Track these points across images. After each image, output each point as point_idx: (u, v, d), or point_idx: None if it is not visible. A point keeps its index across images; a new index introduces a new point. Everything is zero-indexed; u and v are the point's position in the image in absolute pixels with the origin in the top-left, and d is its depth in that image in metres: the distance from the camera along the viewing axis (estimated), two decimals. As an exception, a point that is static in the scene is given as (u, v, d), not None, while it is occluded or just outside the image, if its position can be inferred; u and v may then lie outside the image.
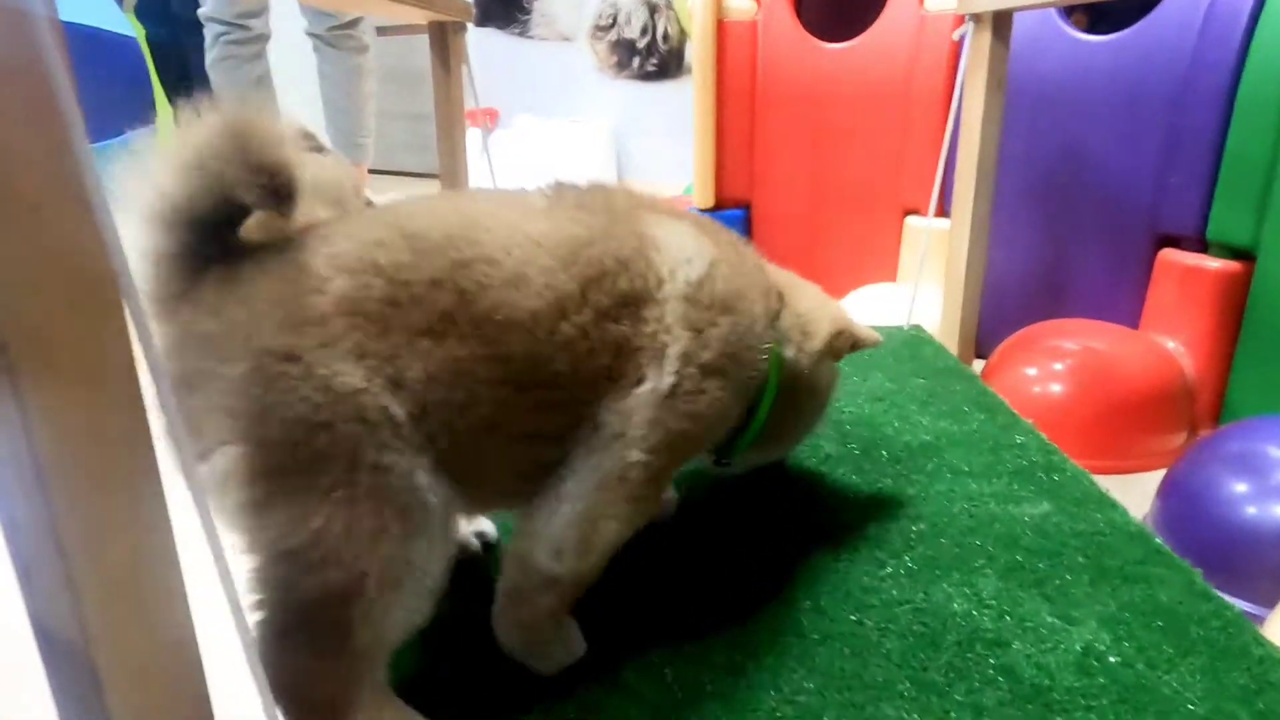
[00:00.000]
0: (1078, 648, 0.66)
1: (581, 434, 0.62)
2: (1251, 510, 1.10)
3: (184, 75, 3.28)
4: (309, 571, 0.51)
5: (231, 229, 0.53)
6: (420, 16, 1.35)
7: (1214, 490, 1.14)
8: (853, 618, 0.70)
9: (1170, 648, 0.66)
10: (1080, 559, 0.79)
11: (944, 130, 1.53)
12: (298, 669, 0.53)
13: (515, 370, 0.58)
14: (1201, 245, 1.58)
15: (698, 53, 2.06)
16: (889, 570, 0.77)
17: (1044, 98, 1.76)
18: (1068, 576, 0.76)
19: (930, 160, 1.72)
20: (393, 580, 0.53)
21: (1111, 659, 0.65)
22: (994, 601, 0.72)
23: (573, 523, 0.61)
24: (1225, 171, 1.50)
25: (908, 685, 0.63)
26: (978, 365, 1.72)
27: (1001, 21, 1.38)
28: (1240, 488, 1.12)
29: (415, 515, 0.54)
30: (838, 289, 2.02)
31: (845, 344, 0.81)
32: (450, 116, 1.52)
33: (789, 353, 0.76)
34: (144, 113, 2.28)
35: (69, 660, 0.47)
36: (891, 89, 1.95)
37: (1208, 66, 1.50)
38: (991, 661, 0.65)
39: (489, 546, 0.82)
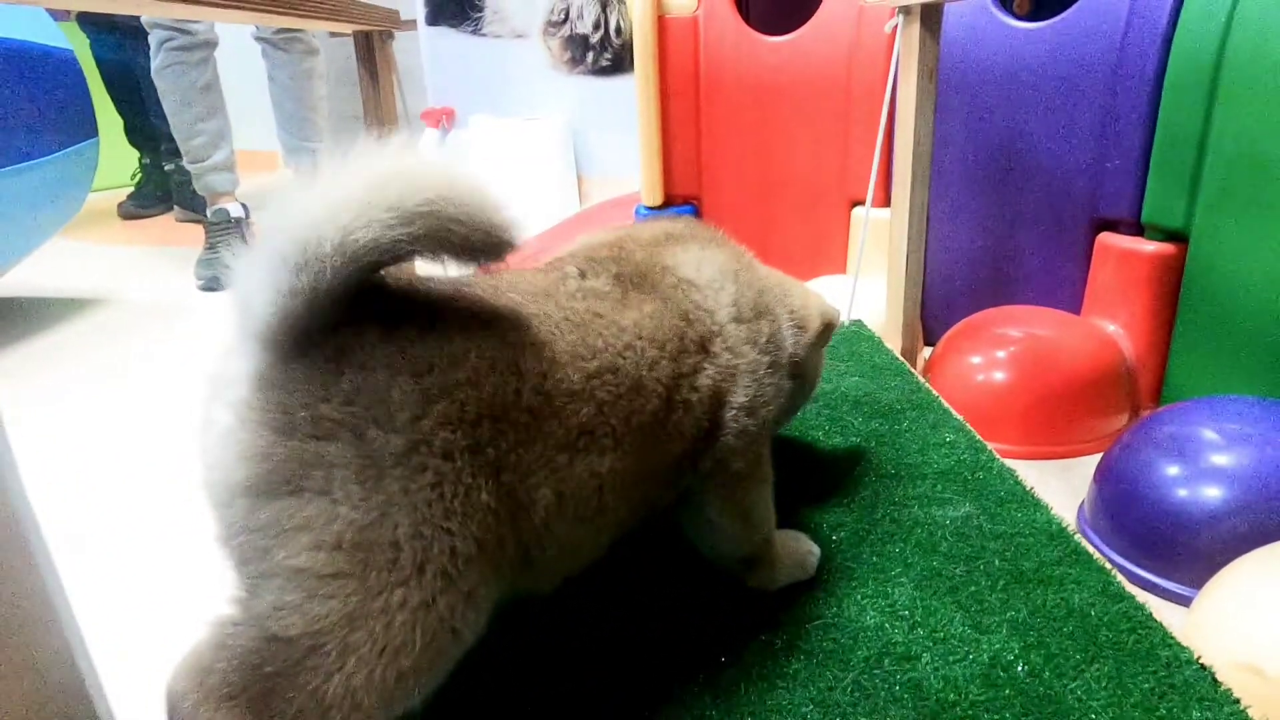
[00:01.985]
0: (986, 658, 0.66)
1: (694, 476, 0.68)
2: (1182, 493, 1.10)
3: (131, 85, 3.22)
4: (312, 665, 0.46)
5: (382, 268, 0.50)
6: (343, 28, 1.32)
7: (1146, 474, 1.14)
8: (763, 638, 0.70)
9: (1079, 654, 0.66)
10: (998, 562, 0.79)
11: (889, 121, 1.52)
12: None
13: (648, 469, 0.61)
14: (1138, 229, 1.59)
15: (639, 50, 2.04)
16: (807, 584, 0.77)
17: (982, 86, 1.75)
18: (984, 582, 0.76)
19: (874, 151, 1.72)
20: (385, 710, 0.48)
21: (1019, 669, 0.65)
22: (907, 612, 0.72)
23: (732, 531, 0.72)
24: (1157, 154, 1.51)
25: (812, 708, 0.62)
26: (927, 353, 1.72)
27: (930, 13, 1.37)
28: (1172, 470, 1.13)
29: (448, 653, 0.50)
30: (787, 283, 2.02)
31: (831, 333, 0.87)
32: (382, 126, 1.49)
33: (791, 351, 0.80)
34: (81, 128, 2.22)
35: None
36: (833, 81, 1.94)
37: (1136, 50, 1.51)
38: (899, 677, 0.65)
39: None
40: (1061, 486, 1.37)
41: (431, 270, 0.54)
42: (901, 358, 1.43)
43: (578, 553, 0.60)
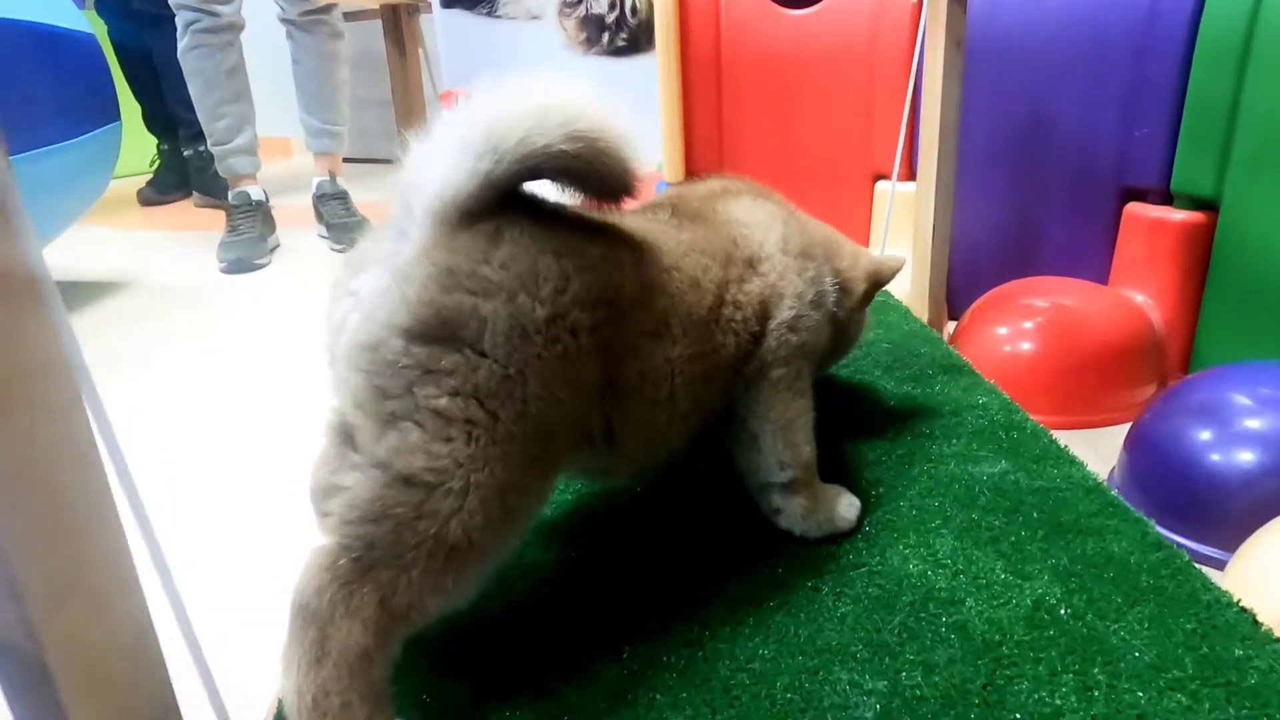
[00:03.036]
0: (1029, 602, 0.67)
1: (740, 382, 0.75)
2: (1215, 458, 1.11)
3: (149, 72, 3.24)
4: (431, 508, 0.50)
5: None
6: (371, 2, 1.33)
7: (1178, 440, 1.15)
8: (809, 584, 0.71)
9: (1120, 598, 0.68)
10: (1036, 514, 0.80)
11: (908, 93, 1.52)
12: (357, 608, 0.50)
13: (705, 366, 0.67)
14: (1166, 198, 1.58)
15: (660, 26, 2.04)
16: (848, 536, 0.78)
17: (1007, 54, 1.75)
18: (1023, 533, 0.77)
19: (898, 124, 1.72)
20: (491, 553, 0.55)
21: (1062, 611, 0.66)
22: (949, 561, 0.73)
23: (772, 443, 0.75)
24: (1187, 122, 1.50)
25: (861, 648, 0.63)
26: (951, 327, 1.72)
27: (957, -20, 1.37)
28: (1204, 436, 1.13)
29: (535, 503, 0.59)
30: (810, 258, 2.02)
31: (876, 292, 0.92)
32: (409, 101, 1.50)
33: (831, 308, 0.85)
34: (104, 112, 2.25)
35: (20, 666, 0.47)
36: (856, 54, 1.93)
37: (1165, 15, 1.50)
38: (944, 620, 0.66)
39: None
40: (1090, 455, 1.37)
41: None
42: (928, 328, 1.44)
43: (651, 439, 0.67)
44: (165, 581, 0.52)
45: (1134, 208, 1.62)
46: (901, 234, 1.75)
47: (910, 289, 1.59)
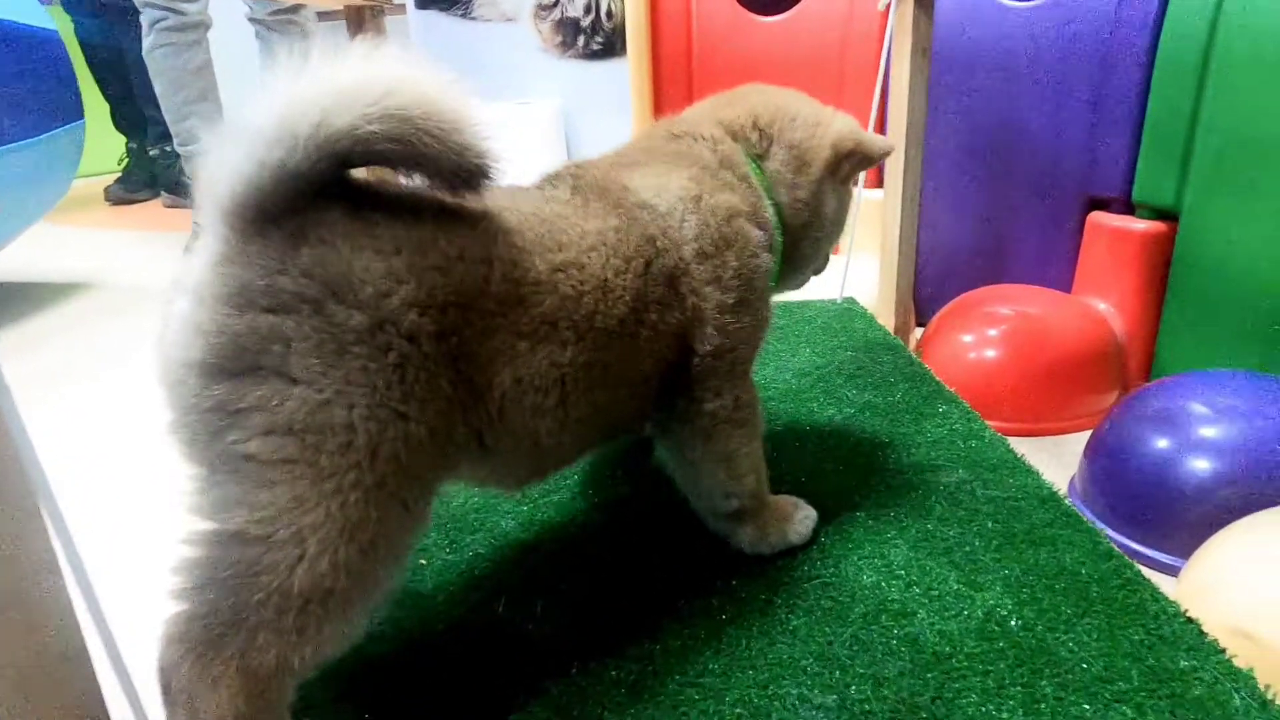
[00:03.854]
0: (980, 613, 0.68)
1: (661, 408, 0.69)
2: (1171, 465, 1.12)
3: (117, 69, 3.19)
4: (270, 561, 0.45)
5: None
6: (332, 3, 1.32)
7: (1136, 448, 1.16)
8: (763, 596, 0.71)
9: (1070, 609, 0.68)
10: (991, 524, 0.80)
11: (882, 101, 1.53)
12: (217, 676, 0.46)
13: (614, 375, 0.61)
14: (1129, 207, 1.60)
15: (632, 31, 2.04)
16: (803, 546, 0.78)
17: (975, 65, 1.76)
18: (977, 543, 0.77)
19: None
20: (357, 596, 0.49)
21: (1013, 623, 0.66)
22: (903, 572, 0.73)
23: (714, 477, 0.72)
24: (1148, 133, 1.52)
25: (811, 661, 0.63)
26: (919, 333, 1.73)
27: (923, -10, 1.37)
28: (1162, 444, 1.14)
29: (405, 531, 0.52)
30: (781, 264, 2.03)
31: (850, 166, 0.80)
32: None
33: (783, 196, 0.77)
34: (67, 110, 2.21)
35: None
36: (826, 61, 1.94)
37: (1128, 28, 1.52)
38: (896, 632, 0.66)
39: None
40: (1052, 462, 1.39)
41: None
42: (894, 335, 1.44)
43: (537, 449, 0.60)
44: (91, 604, 0.51)
45: (1097, 217, 1.63)
46: (871, 241, 1.76)
47: (877, 296, 1.60)
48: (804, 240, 0.80)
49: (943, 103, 1.79)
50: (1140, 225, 1.55)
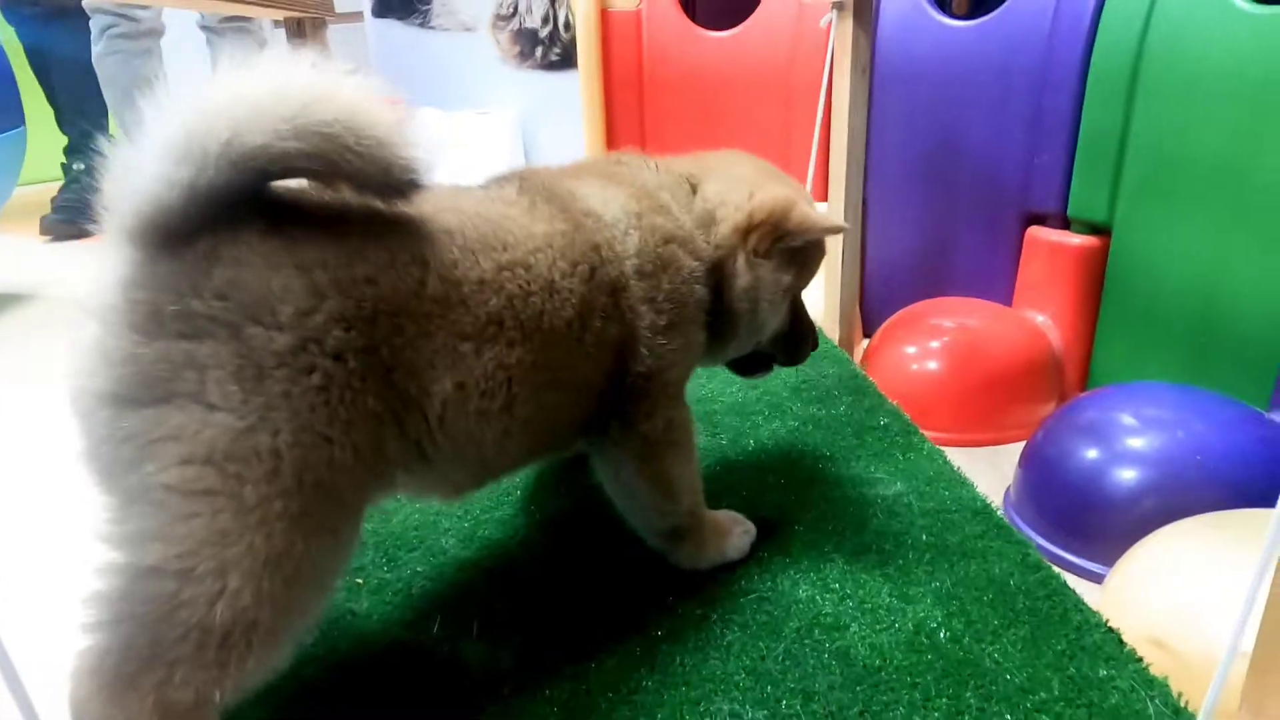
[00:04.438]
0: (911, 626, 0.69)
1: (595, 421, 0.68)
2: (1100, 475, 1.15)
3: (63, 76, 3.10)
4: (189, 596, 0.43)
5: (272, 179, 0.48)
6: (273, 14, 1.30)
7: (1067, 458, 1.19)
8: (699, 612, 0.71)
9: (997, 620, 0.69)
10: (925, 537, 0.82)
11: (825, 116, 1.55)
12: (133, 714, 0.44)
13: (560, 378, 0.61)
14: (1065, 222, 1.65)
15: (582, 44, 2.05)
16: (741, 561, 0.78)
17: (918, 83, 1.80)
18: (910, 555, 0.79)
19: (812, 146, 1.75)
20: (282, 627, 0.47)
21: (941, 635, 0.68)
22: (838, 585, 0.74)
23: (649, 498, 0.72)
24: (1081, 150, 1.57)
25: (744, 676, 0.64)
26: (866, 345, 1.76)
27: (863, 8, 1.40)
28: (1091, 454, 1.18)
29: (332, 558, 0.50)
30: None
31: (759, 238, 0.73)
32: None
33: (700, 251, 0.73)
34: (9, 115, 2.15)
35: None
36: (774, 77, 1.97)
37: (1061, 48, 1.57)
38: (828, 646, 0.67)
39: None
40: (990, 472, 1.42)
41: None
42: (839, 347, 1.46)
43: (481, 456, 0.58)
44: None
45: (1035, 231, 1.68)
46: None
47: (823, 309, 1.62)
48: (725, 312, 0.75)
49: (885, 119, 1.83)
50: (1076, 240, 1.59)
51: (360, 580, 0.77)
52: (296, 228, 0.48)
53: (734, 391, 1.19)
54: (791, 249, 0.75)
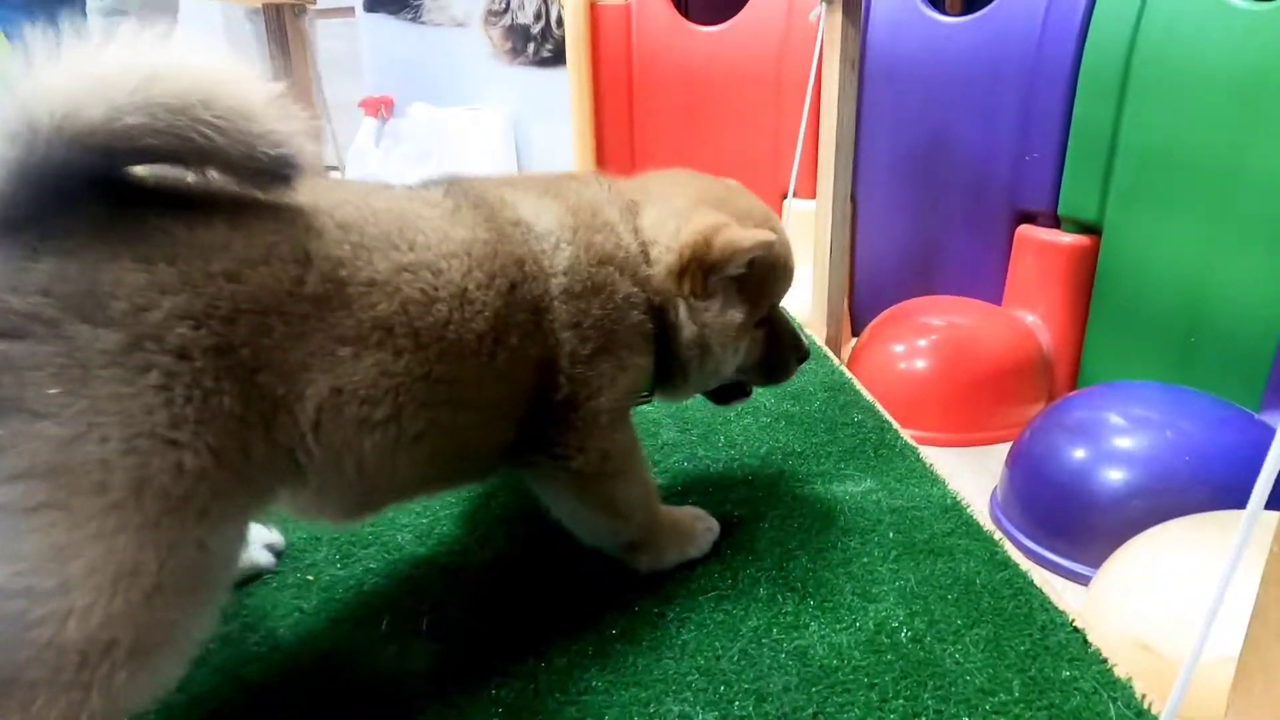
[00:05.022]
0: (872, 625, 0.67)
1: (519, 449, 0.64)
2: (1086, 476, 1.14)
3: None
4: (37, 616, 0.40)
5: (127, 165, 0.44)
6: (250, 1, 1.29)
7: (1054, 458, 1.17)
8: (656, 610, 0.69)
9: (960, 619, 0.67)
10: (892, 534, 0.80)
11: (813, 111, 1.53)
12: None
13: (469, 396, 0.56)
14: (1056, 221, 1.63)
15: (571, 39, 2.03)
16: (703, 558, 0.76)
17: (909, 81, 1.78)
18: (876, 553, 0.77)
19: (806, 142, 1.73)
20: (151, 644, 0.44)
21: (902, 635, 0.66)
22: (800, 584, 0.72)
23: (593, 519, 0.69)
24: (1072, 148, 1.55)
25: (697, 676, 0.62)
26: (856, 344, 1.74)
27: (852, 2, 1.38)
28: (1078, 454, 1.16)
29: (202, 571, 0.46)
30: (720, 273, 2.03)
31: (698, 274, 0.67)
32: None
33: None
34: None
35: None
36: (764, 72, 1.95)
37: (1053, 46, 1.55)
38: (786, 645, 0.65)
39: (279, 555, 0.78)
40: (979, 472, 1.40)
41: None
42: (825, 345, 1.44)
43: (365, 470, 0.53)
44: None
45: (1025, 230, 1.66)
46: (805, 252, 1.76)
47: (811, 308, 1.60)
48: (671, 351, 0.70)
49: (875, 117, 1.81)
50: (1066, 239, 1.58)
51: (311, 578, 0.76)
52: (148, 218, 0.44)
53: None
54: (735, 278, 0.69)
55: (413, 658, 0.65)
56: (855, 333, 1.84)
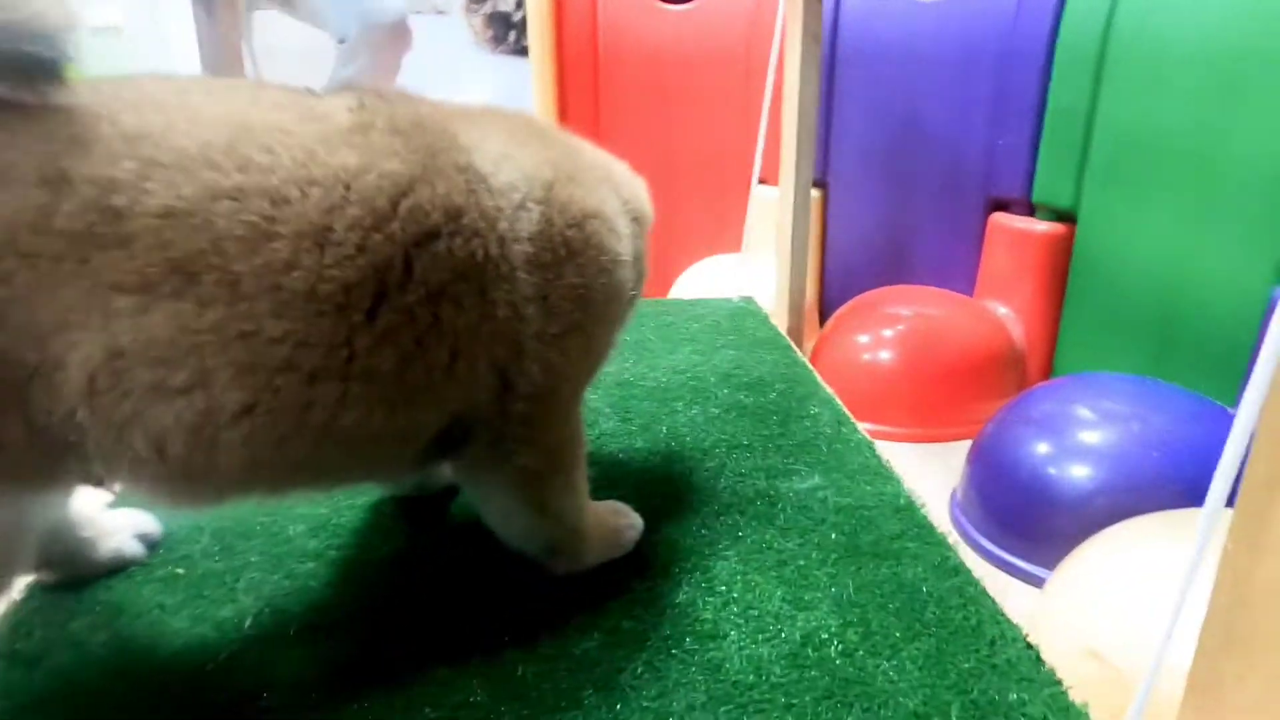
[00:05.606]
0: (799, 636, 0.59)
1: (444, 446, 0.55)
2: (1051, 471, 1.07)
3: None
4: None
5: None
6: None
7: (1016, 453, 1.11)
8: (558, 617, 0.62)
9: (899, 631, 0.60)
10: (834, 535, 0.72)
11: (777, 91, 1.46)
12: None
13: (312, 360, 0.45)
14: (1030, 209, 1.57)
15: (533, 20, 1.95)
16: (622, 557, 0.69)
17: (881, 62, 1.71)
18: (814, 555, 0.69)
19: (773, 126, 1.66)
20: None
21: (832, 648, 0.58)
22: (724, 588, 0.65)
23: (526, 520, 0.61)
24: (1046, 133, 1.48)
25: (591, 692, 0.54)
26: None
27: (815, -26, 1.31)
28: (1041, 449, 1.09)
29: None
30: (687, 259, 1.95)
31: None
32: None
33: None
34: None
35: None
36: (733, 54, 1.88)
37: (1027, 26, 1.48)
38: (697, 658, 0.57)
39: (153, 547, 0.70)
40: (941, 469, 1.34)
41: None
42: (787, 335, 1.37)
43: (168, 449, 0.43)
44: None
45: (998, 218, 1.60)
46: (771, 241, 1.69)
47: (775, 295, 1.53)
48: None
49: (846, 99, 1.74)
50: (1041, 227, 1.51)
51: (181, 570, 0.67)
52: None
53: (657, 376, 1.09)
54: None
55: (276, 664, 0.57)
56: (824, 323, 1.77)
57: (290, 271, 0.43)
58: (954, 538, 0.73)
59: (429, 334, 0.49)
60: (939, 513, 0.78)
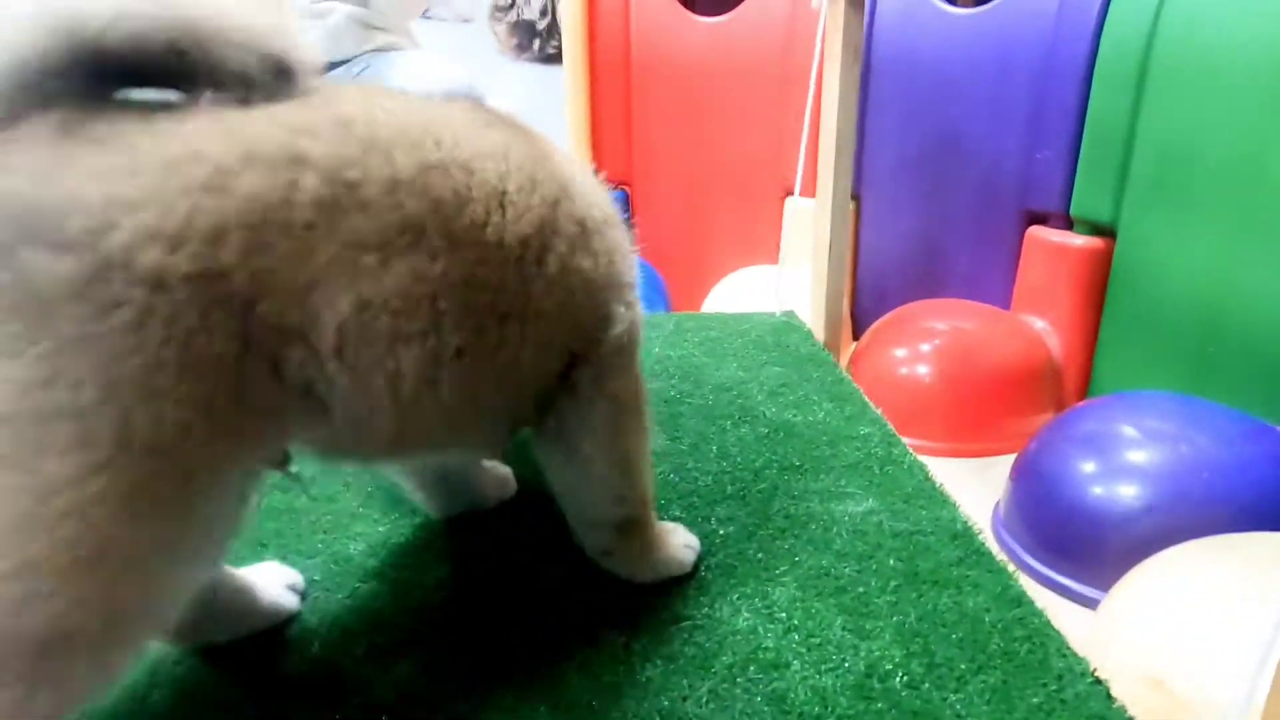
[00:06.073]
0: (862, 667, 0.59)
1: (566, 378, 0.60)
2: (1097, 490, 1.06)
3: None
4: (12, 595, 0.35)
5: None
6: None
7: (1062, 470, 1.10)
8: (620, 641, 0.62)
9: (965, 663, 0.60)
10: (892, 561, 0.72)
11: (816, 104, 1.46)
12: None
13: (504, 302, 0.51)
14: (1067, 222, 1.56)
15: (567, 31, 1.96)
16: (678, 581, 0.69)
17: (917, 74, 1.71)
18: (874, 583, 0.69)
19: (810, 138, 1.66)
20: (117, 631, 0.39)
21: (897, 679, 0.58)
22: (784, 615, 0.65)
23: (607, 470, 0.63)
24: (1086, 146, 1.47)
25: (658, 719, 0.55)
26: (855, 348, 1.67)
27: (856, -11, 1.31)
28: (1088, 468, 1.08)
29: (186, 544, 0.41)
30: (719, 270, 1.96)
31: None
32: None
33: None
34: None
35: None
36: (768, 65, 1.88)
37: (1067, 39, 1.47)
38: (762, 687, 0.57)
39: (303, 596, 0.70)
40: (979, 485, 1.33)
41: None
42: (826, 349, 1.37)
43: (400, 394, 0.47)
44: None
45: (1035, 231, 1.59)
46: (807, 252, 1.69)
47: (810, 309, 1.53)
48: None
49: (882, 111, 1.74)
50: (1079, 241, 1.50)
51: (246, 594, 0.68)
52: (107, 121, 0.38)
53: (704, 393, 1.10)
54: None
55: (346, 687, 0.58)
56: (856, 336, 1.77)
57: (485, 228, 0.49)
58: (1011, 568, 0.72)
59: (573, 276, 0.55)
60: (981, 529, 0.77)
